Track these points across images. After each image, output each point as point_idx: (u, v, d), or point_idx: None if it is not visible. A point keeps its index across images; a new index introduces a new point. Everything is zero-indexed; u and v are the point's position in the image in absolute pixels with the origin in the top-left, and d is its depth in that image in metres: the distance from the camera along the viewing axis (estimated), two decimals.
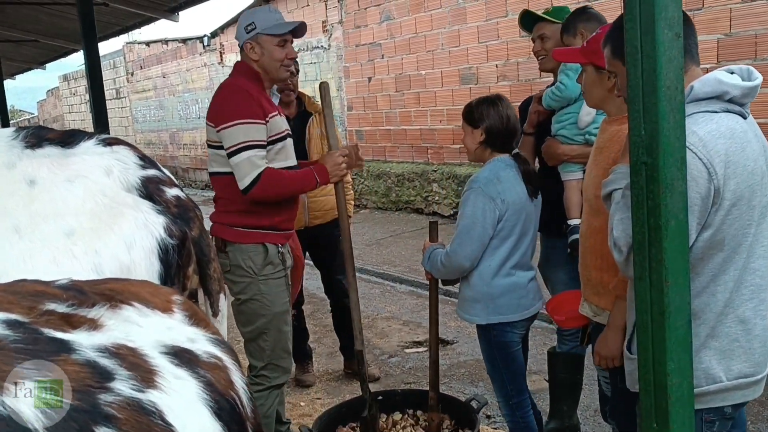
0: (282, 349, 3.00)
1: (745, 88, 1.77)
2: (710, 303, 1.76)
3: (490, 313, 2.74)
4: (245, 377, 1.06)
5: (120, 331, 0.92)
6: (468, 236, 2.67)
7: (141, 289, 1.09)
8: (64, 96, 22.20)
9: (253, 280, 2.91)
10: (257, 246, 2.92)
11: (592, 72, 2.32)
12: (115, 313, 0.97)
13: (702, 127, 1.69)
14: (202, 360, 0.97)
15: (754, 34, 5.91)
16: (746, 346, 1.79)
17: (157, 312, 1.04)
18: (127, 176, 1.41)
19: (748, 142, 1.74)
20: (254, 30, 2.93)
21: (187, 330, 1.04)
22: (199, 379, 0.92)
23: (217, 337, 1.08)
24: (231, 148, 2.80)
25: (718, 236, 1.71)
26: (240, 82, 2.93)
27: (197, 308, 1.17)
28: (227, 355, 1.05)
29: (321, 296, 5.76)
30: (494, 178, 2.69)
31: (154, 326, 0.99)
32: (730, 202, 1.70)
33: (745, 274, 1.77)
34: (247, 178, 2.77)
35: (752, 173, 1.73)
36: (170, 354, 0.93)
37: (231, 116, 2.81)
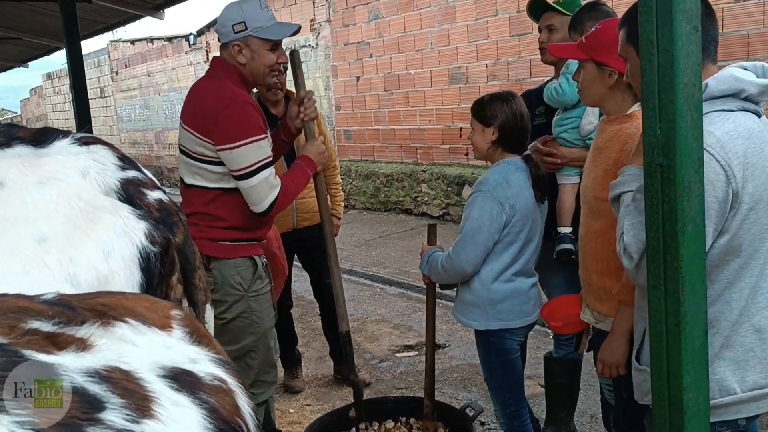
0: (268, 365, 2.85)
1: (762, 85, 1.68)
2: (725, 312, 1.68)
3: (490, 318, 2.66)
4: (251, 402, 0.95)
5: (112, 351, 0.82)
6: (473, 240, 2.58)
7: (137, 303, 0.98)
8: (48, 95, 21.92)
9: (242, 297, 2.73)
10: (245, 260, 2.75)
11: (592, 69, 2.24)
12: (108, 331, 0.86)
13: (719, 127, 1.61)
14: (205, 383, 0.87)
15: (746, 33, 5.88)
16: (761, 356, 1.72)
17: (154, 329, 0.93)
18: (105, 178, 1.30)
19: (766, 142, 1.66)
20: (244, 31, 2.65)
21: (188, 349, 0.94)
22: (201, 406, 0.81)
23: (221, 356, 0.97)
24: (245, 169, 2.60)
25: (735, 242, 1.63)
26: (241, 95, 2.68)
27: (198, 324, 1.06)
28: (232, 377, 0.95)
29: (309, 299, 5.65)
30: (504, 182, 2.59)
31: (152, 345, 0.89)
32: (748, 206, 1.62)
33: (761, 280, 1.69)
34: (267, 201, 2.64)
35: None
36: (169, 377, 0.83)
37: (239, 135, 2.58)
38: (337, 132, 10.91)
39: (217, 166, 2.66)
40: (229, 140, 2.57)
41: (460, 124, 8.75)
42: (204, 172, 2.69)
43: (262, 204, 2.64)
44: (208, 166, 2.67)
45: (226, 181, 2.68)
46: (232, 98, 2.63)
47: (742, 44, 5.89)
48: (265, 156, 2.64)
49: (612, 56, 2.16)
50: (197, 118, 2.65)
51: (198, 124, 2.64)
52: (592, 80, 2.24)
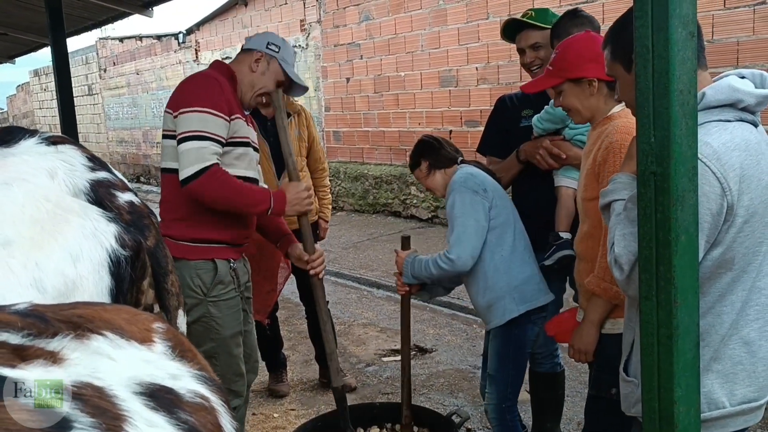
0: (234, 373, 2.74)
1: (760, 96, 1.65)
2: (715, 325, 1.65)
3: (518, 302, 2.67)
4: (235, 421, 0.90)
5: (85, 366, 0.76)
6: (465, 234, 2.63)
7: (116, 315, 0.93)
8: (35, 91, 21.73)
9: (202, 301, 2.63)
10: (206, 262, 2.65)
11: (572, 87, 2.27)
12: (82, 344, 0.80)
13: (716, 138, 1.57)
14: (186, 401, 0.82)
15: (736, 41, 5.89)
16: (750, 369, 1.68)
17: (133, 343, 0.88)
18: (73, 179, 1.24)
19: (762, 154, 1.62)
20: (275, 52, 2.80)
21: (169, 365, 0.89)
22: (179, 426, 0.76)
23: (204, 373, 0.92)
24: (182, 134, 2.53)
25: (728, 255, 1.60)
26: (214, 74, 2.71)
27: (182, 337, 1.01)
28: (215, 395, 0.89)
29: (295, 300, 5.60)
30: (468, 175, 2.75)
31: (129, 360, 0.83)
32: (743, 219, 1.58)
33: (752, 293, 1.66)
34: (190, 169, 2.49)
35: (766, 188, 1.62)
36: (146, 394, 0.77)
37: (192, 102, 2.56)
38: (327, 133, 10.85)
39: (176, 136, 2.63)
40: (182, 105, 2.58)
41: (450, 127, 8.73)
42: (170, 150, 2.66)
43: (184, 171, 2.50)
44: (172, 141, 2.62)
45: None
46: (202, 73, 2.73)
47: (732, 51, 5.90)
48: (209, 130, 2.53)
49: (582, 68, 2.22)
50: (170, 98, 2.70)
51: (170, 102, 2.68)
52: (577, 97, 2.27)
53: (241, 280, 2.77)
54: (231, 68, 2.79)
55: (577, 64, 2.22)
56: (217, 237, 2.66)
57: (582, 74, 2.20)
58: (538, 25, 2.95)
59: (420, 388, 4.17)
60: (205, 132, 2.53)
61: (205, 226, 2.64)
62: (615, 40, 1.80)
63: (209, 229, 2.64)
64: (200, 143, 2.50)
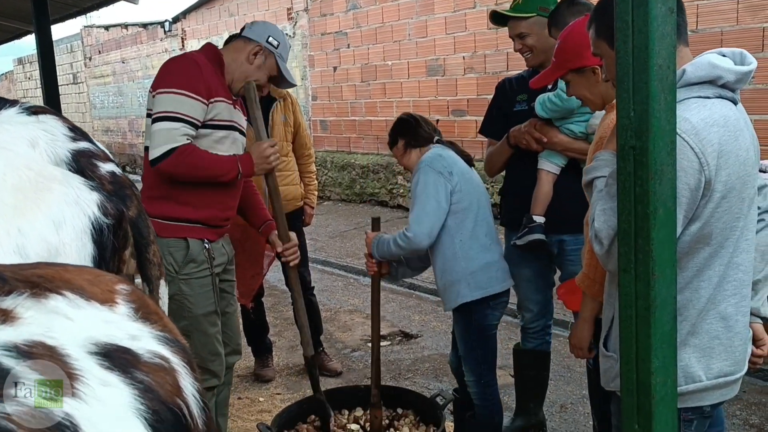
0: (210, 353, 2.74)
1: (740, 73, 1.66)
2: (693, 299, 1.67)
3: (473, 288, 2.73)
4: (198, 382, 0.90)
5: (39, 325, 0.76)
6: (424, 212, 2.70)
7: (77, 276, 0.92)
8: (19, 80, 21.50)
9: (173, 279, 2.63)
10: (178, 241, 2.66)
11: (576, 77, 2.25)
12: (39, 302, 0.80)
13: (695, 114, 1.58)
14: (143, 361, 0.81)
15: (720, 30, 5.94)
16: (727, 343, 1.71)
17: (94, 303, 0.87)
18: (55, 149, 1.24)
19: (740, 130, 1.64)
20: (274, 48, 2.81)
21: (130, 325, 0.88)
22: (133, 385, 0.76)
23: (166, 334, 0.91)
24: (157, 113, 2.55)
25: (705, 230, 1.62)
26: (198, 57, 2.70)
27: (148, 300, 1.00)
28: (177, 356, 0.88)
29: (282, 288, 5.62)
30: (437, 156, 2.80)
31: (88, 320, 0.83)
32: (721, 194, 1.60)
33: (729, 269, 1.68)
34: (159, 149, 2.51)
35: (744, 164, 1.64)
36: (101, 354, 0.77)
37: (170, 83, 2.57)
38: (314, 122, 10.83)
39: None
40: (159, 86, 2.60)
41: (437, 116, 8.74)
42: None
43: (153, 151, 2.52)
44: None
45: None
46: (184, 55, 2.74)
47: (715, 41, 5.94)
48: (183, 112, 2.54)
49: (582, 57, 2.19)
50: (155, 77, 2.70)
51: (154, 81, 2.69)
52: (584, 86, 2.25)
53: (216, 261, 2.77)
54: (220, 53, 2.78)
55: (577, 53, 2.19)
56: (191, 216, 2.67)
57: (583, 63, 2.18)
58: (519, 16, 2.95)
59: (405, 373, 4.20)
60: (179, 113, 2.54)
61: (179, 205, 2.65)
62: (599, 18, 1.81)
63: (184, 208, 2.65)
64: (172, 124, 2.52)
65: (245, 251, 3.39)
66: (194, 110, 2.57)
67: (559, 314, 3.68)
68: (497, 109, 3.19)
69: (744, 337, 1.76)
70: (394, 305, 5.56)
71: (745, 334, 1.77)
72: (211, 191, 2.68)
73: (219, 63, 2.75)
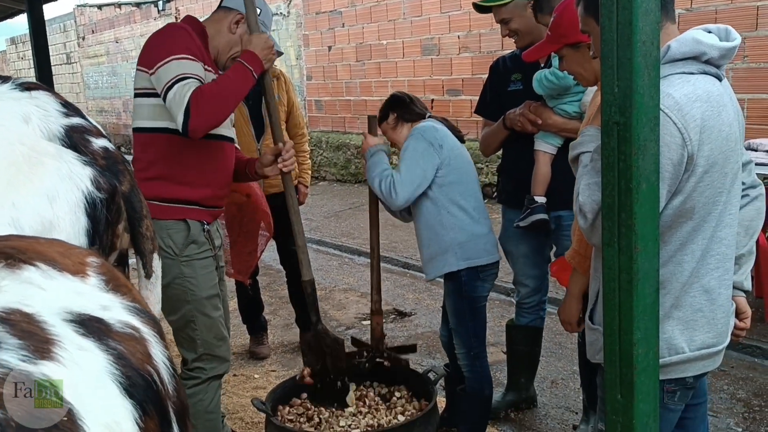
0: (216, 337, 2.69)
1: (723, 48, 1.68)
2: (676, 272, 1.70)
3: (460, 258, 2.77)
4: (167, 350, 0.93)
5: (15, 293, 0.79)
6: (409, 177, 2.73)
7: (49, 248, 0.94)
8: (12, 60, 21.35)
9: (174, 262, 2.57)
10: (177, 222, 2.58)
11: (571, 52, 2.24)
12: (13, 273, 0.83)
13: (678, 90, 1.60)
14: (115, 330, 0.84)
15: (714, 9, 5.93)
16: (710, 316, 1.75)
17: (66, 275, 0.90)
18: (48, 124, 1.26)
19: (723, 106, 1.66)
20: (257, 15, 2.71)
21: (101, 296, 0.91)
22: (108, 352, 0.79)
23: (136, 305, 0.94)
24: (166, 84, 2.41)
25: (688, 204, 1.65)
26: (182, 25, 2.64)
27: (117, 272, 1.03)
28: (147, 326, 0.92)
29: (277, 267, 5.64)
30: (431, 127, 2.83)
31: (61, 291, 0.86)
32: (703, 169, 1.63)
33: (712, 243, 1.71)
34: (179, 117, 2.37)
35: (727, 139, 1.66)
36: (75, 322, 0.80)
37: (168, 53, 2.45)
38: (308, 102, 10.81)
39: (155, 98, 2.53)
40: (156, 60, 2.47)
41: (432, 95, 8.73)
42: (143, 108, 2.59)
43: (178, 119, 2.38)
44: (147, 99, 2.56)
45: (162, 117, 2.54)
46: (170, 25, 2.66)
47: (709, 19, 5.94)
48: (188, 71, 2.44)
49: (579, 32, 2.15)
50: (140, 56, 2.60)
51: (140, 59, 2.59)
52: (578, 62, 2.23)
53: (215, 243, 2.74)
54: (203, 25, 2.71)
55: (574, 27, 2.14)
56: (189, 196, 2.60)
57: (579, 38, 2.15)
58: (497, 4, 2.98)
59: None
60: (185, 73, 2.44)
61: (177, 185, 2.58)
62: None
63: (181, 187, 2.59)
64: (181, 83, 2.41)
65: (242, 228, 3.41)
66: (197, 69, 2.49)
67: (552, 292, 3.71)
68: (491, 89, 3.21)
69: (726, 310, 1.80)
70: (388, 284, 5.60)
71: (728, 307, 1.81)
72: (209, 168, 2.64)
73: (203, 35, 2.69)
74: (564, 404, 3.50)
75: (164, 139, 2.57)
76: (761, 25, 5.66)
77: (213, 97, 2.40)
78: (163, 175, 2.58)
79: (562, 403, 3.50)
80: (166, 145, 2.57)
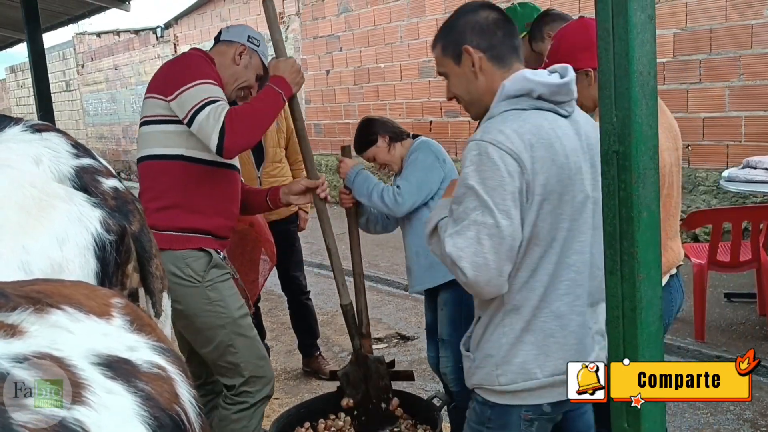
0: (257, 357, 2.61)
1: (552, 85, 1.76)
2: (529, 298, 1.74)
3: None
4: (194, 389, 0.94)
5: (44, 338, 0.79)
6: (417, 187, 2.78)
7: (75, 291, 0.96)
8: (11, 88, 21.49)
9: (199, 289, 2.50)
10: (194, 251, 2.53)
11: None
12: (41, 317, 0.84)
13: (509, 126, 1.69)
14: (142, 371, 0.85)
15: (709, 29, 5.99)
16: (562, 341, 1.76)
17: (92, 317, 0.91)
18: (58, 166, 1.27)
19: (558, 138, 1.72)
20: (257, 46, 2.75)
21: (127, 337, 0.92)
22: (136, 393, 0.80)
23: (161, 345, 0.95)
24: (192, 110, 2.38)
25: (534, 231, 1.70)
26: (198, 53, 2.65)
27: (141, 312, 1.04)
28: (173, 365, 0.92)
29: (278, 293, 5.63)
30: (434, 142, 2.95)
31: (88, 333, 0.86)
32: (541, 197, 1.69)
33: (560, 268, 1.74)
34: (213, 138, 2.35)
35: (562, 168, 1.71)
36: (104, 365, 0.81)
37: (190, 78, 2.43)
38: (308, 126, 10.84)
39: (171, 125, 2.50)
40: (177, 86, 2.44)
41: (430, 117, 8.78)
42: (155, 136, 2.55)
43: (212, 140, 2.36)
44: (158, 126, 2.53)
45: (176, 144, 2.52)
46: (185, 54, 2.67)
47: (705, 39, 6.00)
48: (215, 95, 2.43)
49: (575, 59, 2.20)
50: (152, 84, 2.58)
51: (153, 87, 2.56)
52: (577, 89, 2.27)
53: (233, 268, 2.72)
54: (210, 55, 2.73)
55: (571, 55, 2.20)
56: (202, 226, 2.56)
57: (576, 65, 2.15)
58: None
59: None
60: (214, 96, 2.44)
61: (190, 213, 2.53)
62: (445, 36, 1.89)
63: (195, 216, 2.54)
64: (214, 105, 2.40)
65: (244, 256, 3.42)
66: (222, 94, 2.50)
67: None
68: None
69: (579, 336, 1.80)
70: (390, 307, 5.59)
71: (580, 333, 1.80)
72: (220, 197, 2.62)
73: (213, 63, 2.70)
74: None
75: (178, 166, 2.53)
76: (756, 44, 5.71)
77: (248, 118, 2.40)
78: (176, 204, 2.53)
79: None
80: (180, 172, 2.53)
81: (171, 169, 2.54)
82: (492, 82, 1.80)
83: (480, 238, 1.64)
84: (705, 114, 6.11)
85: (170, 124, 2.50)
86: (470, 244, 1.64)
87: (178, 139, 2.50)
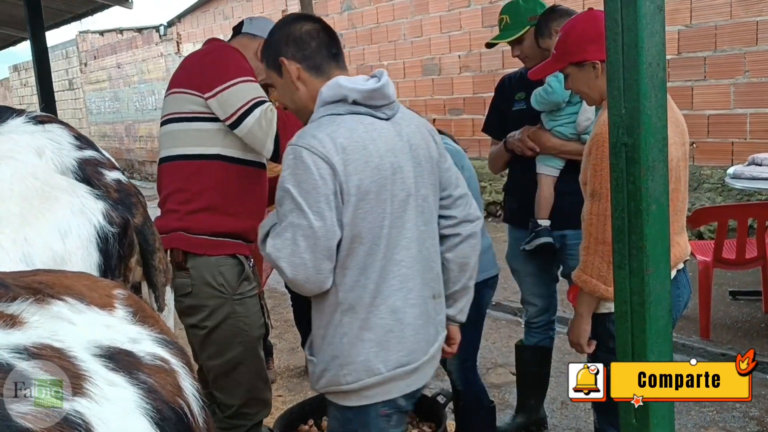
0: (262, 380, 2.53)
1: (365, 91, 1.79)
2: (362, 296, 1.76)
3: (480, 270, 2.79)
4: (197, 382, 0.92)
5: (45, 329, 0.78)
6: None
7: (76, 281, 0.94)
8: (15, 87, 21.50)
9: (226, 301, 2.38)
10: (228, 258, 2.40)
11: (576, 71, 2.26)
12: (42, 308, 0.82)
13: (323, 130, 1.73)
14: (145, 363, 0.84)
15: (714, 25, 5.96)
16: (400, 335, 1.79)
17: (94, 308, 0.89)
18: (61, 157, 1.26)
19: (372, 140, 1.75)
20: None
21: (130, 329, 0.90)
22: (138, 386, 0.78)
23: (165, 337, 0.94)
24: (239, 111, 2.27)
25: (355, 230, 1.73)
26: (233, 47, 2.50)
27: (144, 304, 1.03)
28: (176, 358, 0.91)
29: (282, 290, 5.63)
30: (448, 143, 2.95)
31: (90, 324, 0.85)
32: (357, 197, 1.72)
33: (389, 264, 1.77)
34: (269, 143, 2.27)
35: (377, 169, 1.74)
36: (105, 357, 0.79)
37: (234, 74, 2.30)
38: None
39: (206, 122, 2.37)
40: (218, 82, 2.31)
41: (434, 115, 8.76)
42: (189, 134, 2.40)
43: (266, 144, 2.28)
44: (193, 124, 2.38)
45: (212, 143, 2.38)
46: (216, 46, 2.51)
47: (710, 36, 5.97)
48: (259, 95, 2.32)
49: (583, 51, 2.21)
50: (182, 78, 2.43)
51: (184, 82, 2.41)
52: (583, 81, 2.26)
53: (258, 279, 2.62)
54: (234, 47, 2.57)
55: (579, 46, 2.20)
56: (236, 229, 2.43)
57: (583, 57, 2.18)
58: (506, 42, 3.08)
59: None
60: (260, 97, 2.34)
61: (225, 216, 2.40)
62: (265, 50, 1.97)
63: (229, 219, 2.41)
64: (262, 107, 2.31)
65: None
66: (260, 89, 2.39)
67: (561, 311, 3.69)
68: (497, 109, 3.25)
69: (415, 328, 1.83)
70: None
71: (416, 325, 1.83)
72: (251, 198, 2.51)
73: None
74: (575, 425, 3.46)
75: (216, 166, 2.40)
76: (761, 40, 5.68)
77: (289, 121, 2.32)
78: (213, 206, 2.40)
79: (572, 425, 3.47)
80: (217, 173, 2.40)
81: (207, 169, 2.39)
82: (312, 90, 1.87)
83: (296, 239, 1.69)
84: (710, 111, 6.08)
85: (207, 121, 2.37)
86: (287, 245, 1.71)
87: (216, 137, 2.37)
